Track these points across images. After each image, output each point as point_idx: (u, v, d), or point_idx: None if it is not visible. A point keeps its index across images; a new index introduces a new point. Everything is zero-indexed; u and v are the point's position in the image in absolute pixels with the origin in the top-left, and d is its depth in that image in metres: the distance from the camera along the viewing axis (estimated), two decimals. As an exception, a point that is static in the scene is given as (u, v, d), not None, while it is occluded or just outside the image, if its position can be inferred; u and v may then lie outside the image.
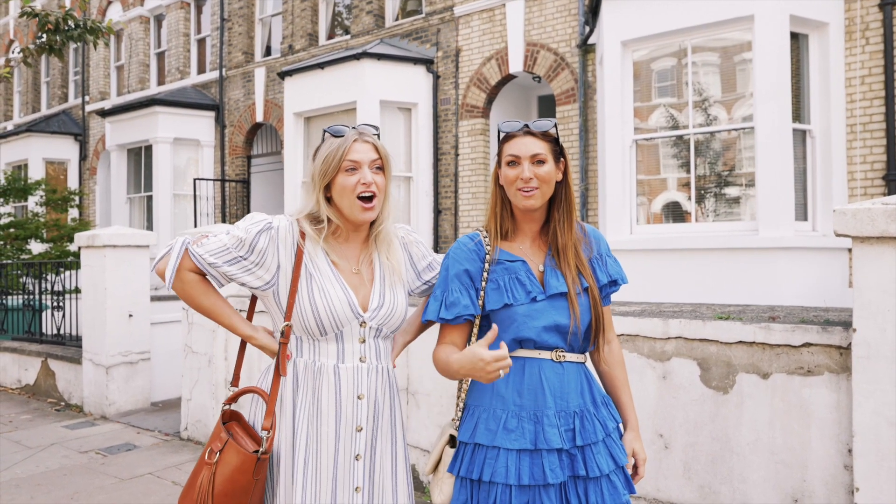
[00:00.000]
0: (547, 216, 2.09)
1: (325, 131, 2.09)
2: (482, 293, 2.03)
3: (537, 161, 1.98)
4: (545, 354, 1.99)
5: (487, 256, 2.05)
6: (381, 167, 2.07)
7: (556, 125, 2.06)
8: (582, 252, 2.06)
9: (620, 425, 2.12)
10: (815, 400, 3.00)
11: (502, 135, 2.07)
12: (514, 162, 2.00)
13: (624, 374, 2.19)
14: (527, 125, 2.03)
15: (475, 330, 2.07)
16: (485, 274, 2.04)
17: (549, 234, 2.08)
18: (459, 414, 2.08)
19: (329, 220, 2.06)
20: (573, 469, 1.94)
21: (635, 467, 2.12)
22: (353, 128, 2.08)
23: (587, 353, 2.10)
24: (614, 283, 2.12)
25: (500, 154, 2.06)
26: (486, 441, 1.95)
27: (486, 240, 2.08)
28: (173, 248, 2.01)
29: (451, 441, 2.06)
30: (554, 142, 2.04)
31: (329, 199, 2.07)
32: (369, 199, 2.03)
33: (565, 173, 2.05)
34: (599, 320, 2.05)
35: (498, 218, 2.08)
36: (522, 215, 2.07)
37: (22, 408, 7.30)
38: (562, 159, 2.05)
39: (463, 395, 2.10)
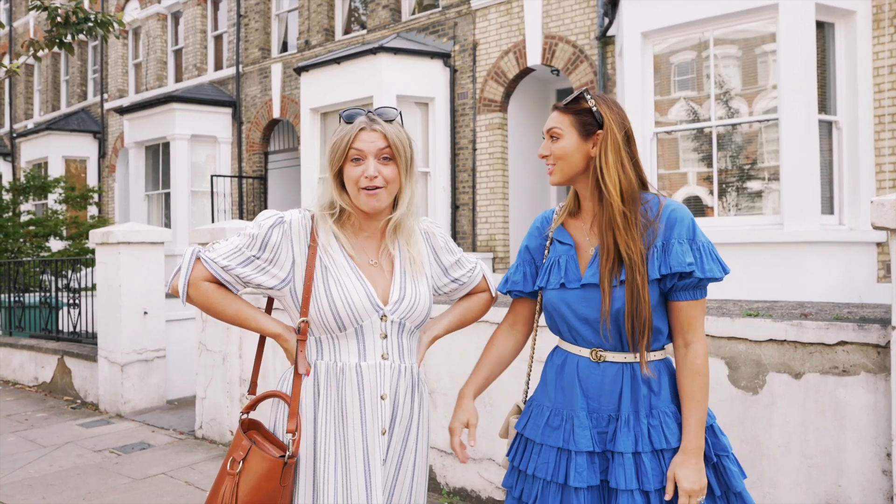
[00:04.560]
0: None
1: (340, 115, 1.98)
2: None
3: (552, 136, 1.93)
4: (584, 352, 1.92)
5: (549, 234, 2.05)
6: (391, 157, 1.92)
7: (585, 91, 1.89)
8: (633, 234, 1.81)
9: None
10: (851, 401, 2.86)
11: None
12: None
13: (690, 386, 1.83)
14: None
15: (537, 307, 2.10)
16: (545, 251, 2.03)
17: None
18: (525, 387, 2.20)
19: (342, 207, 1.96)
20: (606, 474, 1.86)
21: (676, 498, 1.79)
22: (368, 112, 1.95)
23: (641, 353, 1.84)
24: (688, 276, 1.80)
25: None
26: (533, 436, 1.96)
27: (556, 217, 2.06)
28: (183, 259, 1.90)
29: (517, 410, 2.13)
30: (581, 113, 1.87)
31: (344, 186, 1.98)
32: (374, 190, 1.91)
33: (604, 144, 1.85)
34: (641, 318, 1.79)
35: (570, 195, 2.04)
36: (580, 192, 1.98)
37: (38, 405, 7.29)
38: (598, 131, 1.86)
39: (528, 379, 2.22)
